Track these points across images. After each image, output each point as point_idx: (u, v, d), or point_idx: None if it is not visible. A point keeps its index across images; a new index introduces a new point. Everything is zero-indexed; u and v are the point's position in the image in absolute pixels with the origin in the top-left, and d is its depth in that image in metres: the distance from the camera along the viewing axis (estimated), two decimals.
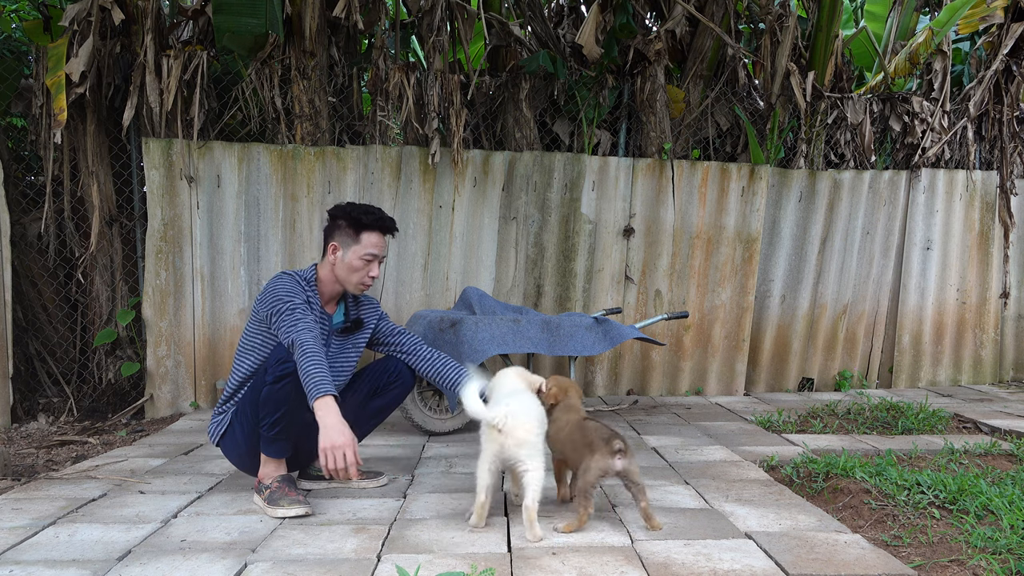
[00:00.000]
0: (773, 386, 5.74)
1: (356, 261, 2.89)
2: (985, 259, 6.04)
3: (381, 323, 3.14)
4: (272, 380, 2.68)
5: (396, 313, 5.02)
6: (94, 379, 4.89)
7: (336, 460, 2.48)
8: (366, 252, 2.89)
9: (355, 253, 2.89)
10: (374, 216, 2.92)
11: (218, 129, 4.87)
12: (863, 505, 2.86)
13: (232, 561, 2.30)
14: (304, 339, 2.64)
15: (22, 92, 4.85)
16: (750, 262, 5.46)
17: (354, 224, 2.90)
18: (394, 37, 5.25)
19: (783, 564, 2.26)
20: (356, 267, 2.89)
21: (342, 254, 2.90)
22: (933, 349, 6.01)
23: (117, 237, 4.86)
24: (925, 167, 5.83)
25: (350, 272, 2.90)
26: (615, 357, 5.42)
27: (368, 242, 2.89)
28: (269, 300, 2.79)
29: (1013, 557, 2.30)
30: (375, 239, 2.91)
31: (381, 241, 2.94)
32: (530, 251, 5.25)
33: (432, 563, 2.24)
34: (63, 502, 2.90)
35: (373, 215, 2.92)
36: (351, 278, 2.91)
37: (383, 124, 4.94)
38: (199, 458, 3.62)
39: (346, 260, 2.90)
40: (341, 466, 2.49)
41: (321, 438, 2.50)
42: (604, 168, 5.26)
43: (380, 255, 2.93)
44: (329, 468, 2.49)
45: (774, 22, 5.52)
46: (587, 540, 2.46)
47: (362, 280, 2.92)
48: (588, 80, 5.33)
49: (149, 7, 4.52)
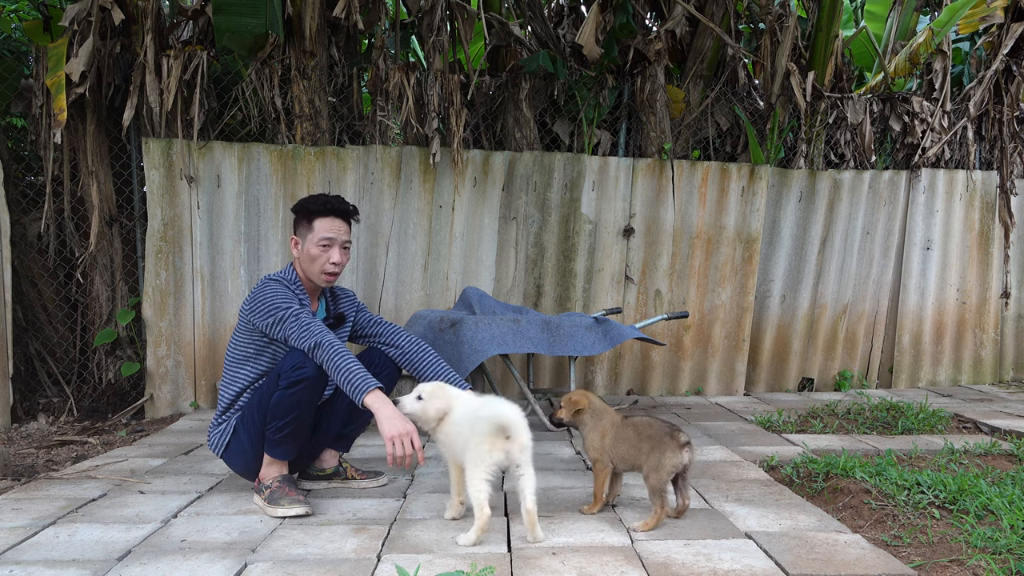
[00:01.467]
0: (773, 386, 5.74)
1: (313, 249, 2.87)
2: (985, 259, 6.04)
3: (360, 315, 3.14)
4: (286, 385, 2.69)
5: (396, 313, 5.02)
6: (94, 379, 4.89)
7: (405, 447, 2.51)
8: (320, 238, 2.87)
9: (311, 241, 2.88)
10: (322, 201, 2.92)
11: (218, 129, 4.86)
12: (863, 505, 2.86)
13: (232, 561, 2.30)
14: (328, 340, 2.65)
15: (22, 92, 4.85)
16: (750, 262, 5.46)
17: (306, 213, 2.91)
18: (394, 37, 5.25)
19: (783, 564, 2.26)
20: (314, 255, 2.88)
21: (302, 246, 2.91)
22: (933, 349, 6.01)
23: (117, 237, 4.86)
24: (925, 167, 5.83)
25: (311, 262, 2.89)
26: (615, 357, 5.42)
27: (321, 227, 2.88)
28: (266, 309, 2.77)
29: (1013, 557, 2.30)
30: (327, 223, 2.88)
31: (335, 225, 2.90)
32: (530, 251, 5.24)
33: (432, 563, 2.24)
34: (63, 502, 2.90)
35: (322, 200, 2.92)
36: (313, 268, 2.90)
37: (383, 124, 4.94)
38: (199, 458, 3.61)
39: (305, 251, 2.90)
40: (409, 452, 2.51)
41: (385, 429, 2.52)
42: (604, 168, 5.26)
43: (337, 239, 2.89)
44: (397, 456, 2.51)
45: (774, 22, 5.52)
46: (587, 540, 2.46)
47: (323, 268, 2.88)
48: (588, 80, 5.33)
49: (149, 7, 4.52)
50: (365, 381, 2.58)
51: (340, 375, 2.60)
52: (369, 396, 2.56)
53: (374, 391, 2.57)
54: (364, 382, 2.58)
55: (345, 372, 2.60)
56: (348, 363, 2.61)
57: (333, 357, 2.62)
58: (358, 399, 2.57)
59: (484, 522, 2.39)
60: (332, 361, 2.62)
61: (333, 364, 2.61)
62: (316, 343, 2.65)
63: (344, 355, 2.63)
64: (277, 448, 2.80)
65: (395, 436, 2.51)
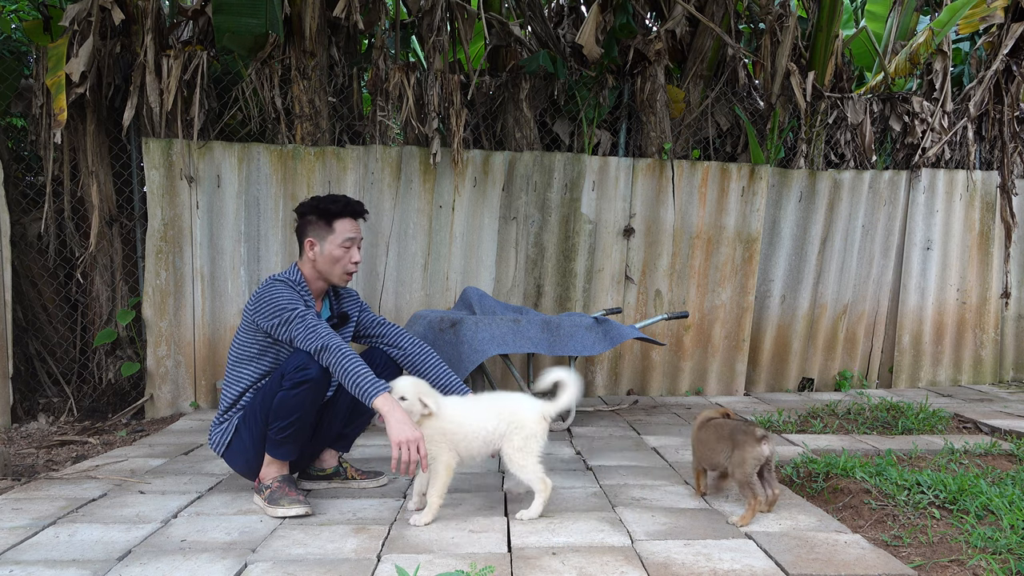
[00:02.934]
0: (773, 386, 5.74)
1: (336, 250, 2.90)
2: (985, 259, 6.04)
3: (363, 315, 3.15)
4: (290, 386, 2.70)
5: (396, 313, 5.02)
6: (94, 379, 4.89)
7: (411, 453, 2.52)
8: (343, 239, 2.91)
9: (332, 243, 2.91)
10: (342, 203, 2.95)
11: (218, 129, 4.86)
12: (863, 505, 2.86)
13: (232, 561, 2.30)
14: (335, 342, 2.66)
15: (22, 92, 4.85)
16: (750, 262, 5.46)
17: (324, 215, 2.93)
18: (394, 37, 5.25)
19: (783, 564, 2.26)
20: (337, 256, 2.91)
21: (320, 248, 2.92)
22: (933, 349, 6.01)
23: (117, 237, 4.86)
24: (925, 167, 5.83)
25: (332, 263, 2.92)
26: (615, 357, 5.42)
27: (342, 229, 2.92)
28: (271, 311, 2.78)
29: (1013, 557, 2.30)
30: (348, 224, 2.93)
31: (354, 225, 2.96)
32: (530, 251, 5.24)
33: (432, 563, 2.24)
34: (63, 502, 2.90)
35: (340, 202, 2.96)
36: (335, 269, 2.93)
37: (383, 124, 4.94)
38: (199, 458, 3.61)
39: (325, 252, 2.91)
40: (415, 458, 2.52)
41: (394, 433, 2.53)
42: (604, 168, 5.26)
43: (357, 238, 2.95)
44: (403, 462, 2.52)
45: (774, 22, 5.52)
46: (587, 540, 2.46)
47: (345, 268, 2.94)
48: (588, 80, 5.33)
49: (149, 7, 4.52)
50: (374, 384, 2.59)
51: (348, 378, 2.61)
52: (379, 399, 2.57)
53: (384, 394, 2.58)
54: (373, 385, 2.59)
55: (353, 375, 2.61)
56: (356, 366, 2.62)
57: (341, 360, 2.63)
58: (368, 401, 2.58)
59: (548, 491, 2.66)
60: (340, 364, 2.63)
61: (341, 367, 2.62)
62: (323, 345, 2.65)
63: (351, 358, 2.64)
64: (279, 448, 2.80)
65: (403, 441, 2.52)
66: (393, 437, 2.53)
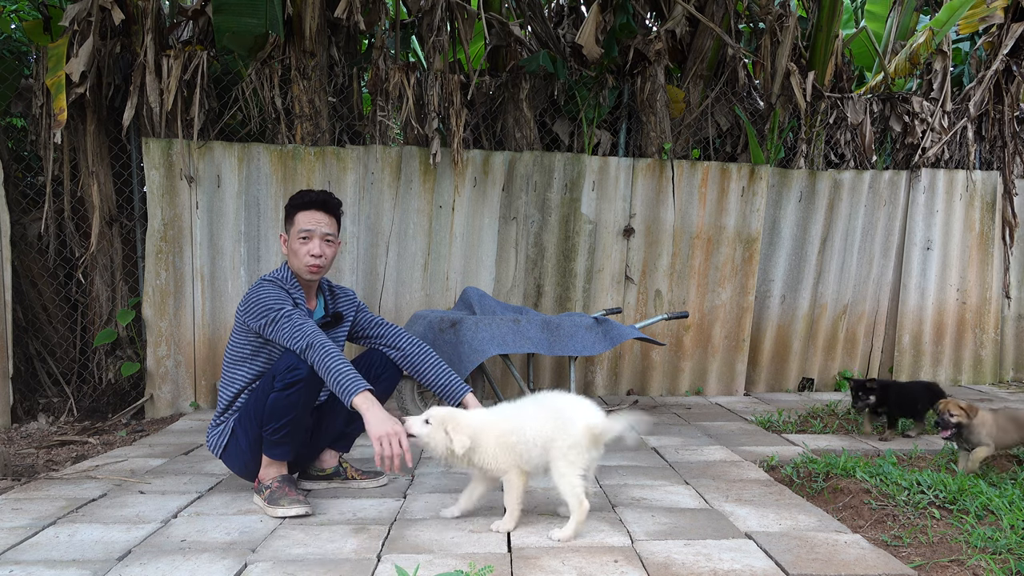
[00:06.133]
0: (773, 386, 5.74)
1: (295, 243, 2.90)
2: (985, 259, 6.04)
3: (359, 315, 3.13)
4: (281, 387, 2.69)
5: (396, 313, 5.02)
6: (94, 379, 4.89)
7: (392, 446, 2.49)
8: (299, 230, 2.89)
9: (294, 236, 2.91)
10: (306, 196, 2.96)
11: (218, 129, 4.86)
12: (863, 505, 2.86)
13: (232, 561, 2.30)
14: (320, 340, 2.65)
15: (22, 92, 4.85)
16: (750, 262, 5.46)
17: (289, 209, 2.96)
18: (394, 37, 5.25)
19: (783, 564, 2.26)
20: (296, 249, 2.90)
21: (288, 241, 2.94)
22: (933, 349, 6.01)
23: (117, 237, 4.86)
24: (925, 167, 5.83)
25: (294, 257, 2.91)
26: (615, 357, 5.42)
27: (301, 220, 2.90)
28: (259, 311, 2.77)
29: (1013, 557, 2.30)
30: (306, 216, 2.91)
31: (315, 217, 2.91)
32: (530, 251, 5.24)
33: (432, 563, 2.24)
34: (63, 502, 2.90)
35: (300, 194, 2.97)
36: (297, 263, 2.91)
37: (383, 124, 4.94)
38: (199, 458, 3.61)
39: (290, 245, 2.93)
40: (398, 452, 2.50)
41: (372, 429, 2.51)
42: (604, 168, 5.26)
43: (316, 231, 2.90)
44: (385, 456, 2.50)
45: (774, 22, 5.52)
46: (587, 540, 2.46)
47: (305, 261, 2.89)
48: (588, 80, 5.33)
49: (149, 7, 4.52)
50: (354, 382, 2.57)
51: (330, 376, 2.60)
52: (358, 397, 2.55)
53: (363, 392, 2.56)
54: (353, 383, 2.57)
55: (335, 373, 2.59)
56: (338, 364, 2.60)
57: (324, 358, 2.61)
58: (347, 400, 2.56)
59: (584, 515, 2.47)
60: (323, 362, 2.61)
61: (323, 365, 2.61)
62: (308, 344, 2.65)
63: (335, 356, 2.62)
64: (274, 449, 2.80)
65: (383, 435, 2.50)
66: (372, 433, 2.50)
